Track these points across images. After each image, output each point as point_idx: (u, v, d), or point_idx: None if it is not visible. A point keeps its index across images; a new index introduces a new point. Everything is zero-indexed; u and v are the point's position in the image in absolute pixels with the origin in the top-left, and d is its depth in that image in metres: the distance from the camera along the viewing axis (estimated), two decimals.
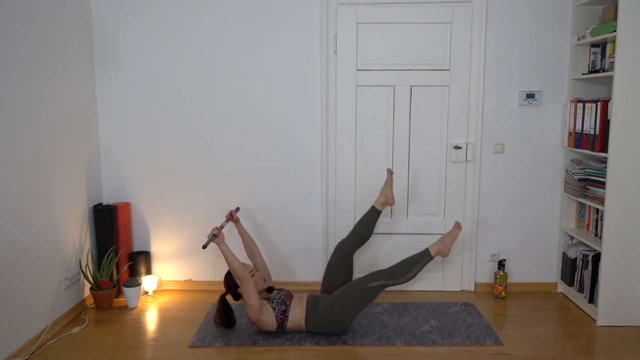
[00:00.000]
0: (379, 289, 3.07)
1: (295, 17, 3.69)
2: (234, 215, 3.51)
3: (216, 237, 3.07)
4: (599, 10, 3.58)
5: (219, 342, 3.08)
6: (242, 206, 3.87)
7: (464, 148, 3.77)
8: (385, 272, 3.10)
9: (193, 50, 3.74)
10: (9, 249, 2.85)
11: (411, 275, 3.10)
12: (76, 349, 3.04)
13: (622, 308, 3.29)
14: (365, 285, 3.06)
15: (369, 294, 3.07)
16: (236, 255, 3.50)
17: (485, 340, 3.10)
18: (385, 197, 3.42)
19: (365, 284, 3.07)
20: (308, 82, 3.75)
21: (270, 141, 3.82)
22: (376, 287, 3.06)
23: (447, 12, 3.66)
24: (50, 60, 3.22)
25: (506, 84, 3.73)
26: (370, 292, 3.07)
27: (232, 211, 3.51)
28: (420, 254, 3.14)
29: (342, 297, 3.08)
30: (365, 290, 3.06)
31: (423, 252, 3.14)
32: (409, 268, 3.10)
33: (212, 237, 3.07)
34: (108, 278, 3.60)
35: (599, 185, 3.37)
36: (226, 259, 3.04)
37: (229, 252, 3.05)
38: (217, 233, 3.07)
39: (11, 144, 2.86)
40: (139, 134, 3.83)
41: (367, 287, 3.06)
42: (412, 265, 3.10)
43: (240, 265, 3.04)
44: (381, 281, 3.06)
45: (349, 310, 3.08)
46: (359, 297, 3.07)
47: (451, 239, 3.18)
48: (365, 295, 3.07)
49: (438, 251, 3.13)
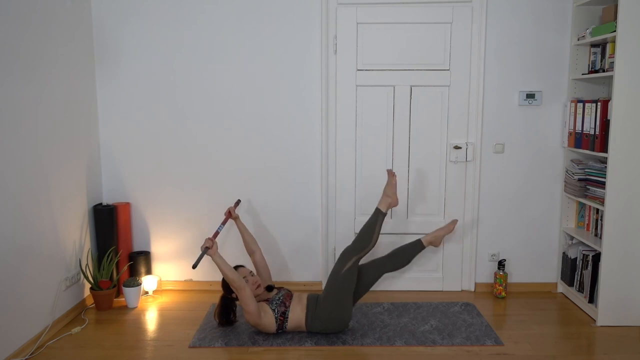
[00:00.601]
0: (354, 266, 3.12)
1: (295, 17, 3.69)
2: (233, 213, 3.49)
3: (209, 249, 3.00)
4: (599, 10, 3.58)
5: (219, 342, 3.08)
6: (243, 206, 3.87)
7: (464, 148, 3.77)
8: (350, 249, 3.15)
9: (193, 50, 3.74)
10: (9, 249, 2.85)
11: (374, 238, 3.17)
12: (76, 349, 3.04)
13: (622, 308, 3.29)
14: (341, 272, 3.10)
15: (348, 277, 3.10)
16: (235, 254, 3.51)
17: (485, 340, 3.10)
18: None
19: (340, 271, 3.10)
20: (308, 82, 3.75)
21: (270, 141, 3.82)
22: (351, 267, 3.11)
23: (447, 12, 3.66)
24: (50, 60, 3.22)
25: (506, 84, 3.73)
26: (349, 274, 3.10)
27: (231, 208, 3.47)
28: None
29: (328, 293, 3.11)
30: (344, 276, 3.10)
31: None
32: (369, 234, 3.17)
33: (205, 250, 2.99)
34: (108, 278, 3.60)
35: (599, 185, 3.37)
36: (221, 270, 3.00)
37: (224, 262, 3.00)
38: (210, 244, 3.00)
39: (11, 144, 2.86)
40: (139, 134, 3.83)
41: (343, 272, 3.10)
42: (371, 229, 3.18)
43: (235, 275, 3.00)
44: (352, 258, 3.12)
45: (339, 302, 3.09)
46: (342, 283, 3.09)
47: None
48: (345, 280, 3.10)
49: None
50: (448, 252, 3.90)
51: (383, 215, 3.22)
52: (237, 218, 3.53)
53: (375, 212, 3.23)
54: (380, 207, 3.24)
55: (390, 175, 3.33)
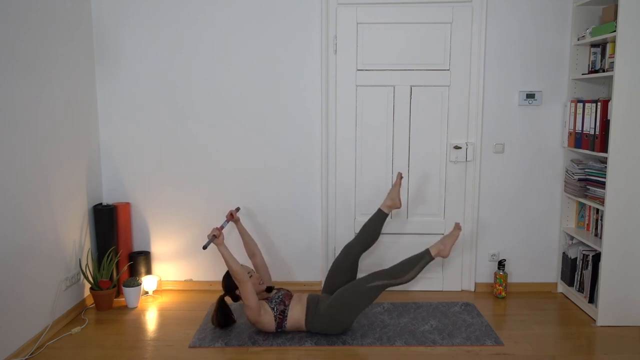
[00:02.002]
0: (380, 289, 3.07)
1: (295, 17, 3.69)
2: (234, 215, 3.51)
3: (216, 238, 3.06)
4: (599, 10, 3.58)
5: (219, 342, 3.08)
6: (242, 207, 3.87)
7: (464, 148, 3.77)
8: (385, 272, 3.10)
9: (193, 50, 3.74)
10: (9, 249, 2.85)
11: (411, 275, 3.10)
12: (76, 349, 3.04)
13: (622, 308, 3.29)
14: (365, 286, 3.06)
15: (369, 294, 3.07)
16: (235, 256, 3.51)
17: (485, 340, 3.10)
18: (392, 200, 3.40)
19: (365, 284, 3.07)
20: (308, 82, 3.75)
21: (270, 141, 3.82)
22: (377, 287, 3.06)
23: (447, 12, 3.66)
24: (50, 60, 3.22)
25: (506, 84, 3.73)
26: (371, 292, 3.07)
27: (232, 211, 3.51)
28: (421, 254, 3.14)
29: (343, 297, 3.08)
30: (366, 291, 3.06)
31: (423, 252, 3.14)
32: (409, 268, 3.10)
33: (212, 237, 3.05)
34: (108, 278, 3.60)
35: (599, 185, 3.37)
36: (225, 261, 3.03)
37: (229, 253, 3.04)
38: (217, 234, 3.06)
39: (11, 144, 2.86)
40: (139, 133, 3.83)
41: (367, 287, 3.06)
42: (412, 266, 3.10)
43: (240, 267, 3.04)
44: (381, 281, 3.06)
45: (349, 311, 3.08)
46: (360, 297, 3.06)
47: (451, 240, 3.17)
48: (365, 295, 3.07)
49: (438, 251, 3.13)
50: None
51: (430, 258, 3.14)
52: (237, 221, 3.54)
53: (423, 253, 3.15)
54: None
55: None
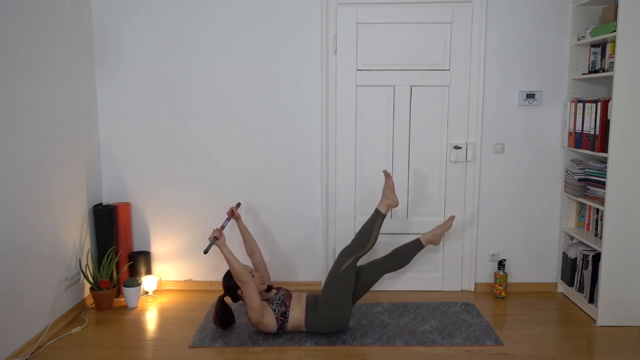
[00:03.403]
0: (352, 265, 3.12)
1: (295, 17, 3.69)
2: (235, 212, 3.50)
3: (217, 240, 3.05)
4: (599, 10, 3.58)
5: (219, 342, 3.08)
6: (243, 206, 3.87)
7: (464, 148, 3.77)
8: (348, 248, 3.15)
9: (193, 50, 3.74)
10: (9, 249, 2.85)
11: (373, 238, 3.18)
12: (76, 349, 3.04)
13: (622, 308, 3.29)
14: (339, 271, 3.10)
15: (346, 276, 3.10)
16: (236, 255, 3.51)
17: (485, 340, 3.10)
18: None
19: (338, 270, 3.11)
20: (308, 82, 3.75)
21: (270, 141, 3.82)
22: (349, 266, 3.11)
23: (447, 12, 3.66)
24: (50, 60, 3.22)
25: (506, 84, 3.73)
26: (346, 274, 3.10)
27: (233, 207, 3.49)
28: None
29: (327, 291, 3.11)
30: (341, 275, 3.10)
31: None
32: (368, 233, 3.17)
33: (213, 239, 3.05)
34: (108, 278, 3.60)
35: (599, 185, 3.37)
36: (228, 261, 3.03)
37: (231, 254, 3.03)
38: (218, 235, 3.06)
39: (11, 144, 2.86)
40: (139, 133, 3.83)
41: (341, 271, 3.10)
42: (369, 230, 3.18)
43: (242, 268, 3.03)
44: (349, 258, 3.12)
45: (338, 300, 3.09)
46: (340, 283, 3.10)
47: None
48: (343, 280, 3.10)
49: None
50: (448, 252, 3.90)
51: (382, 216, 3.23)
52: (238, 218, 3.54)
53: (374, 213, 3.24)
54: (379, 208, 3.25)
55: (386, 177, 3.33)
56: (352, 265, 3.11)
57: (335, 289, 3.10)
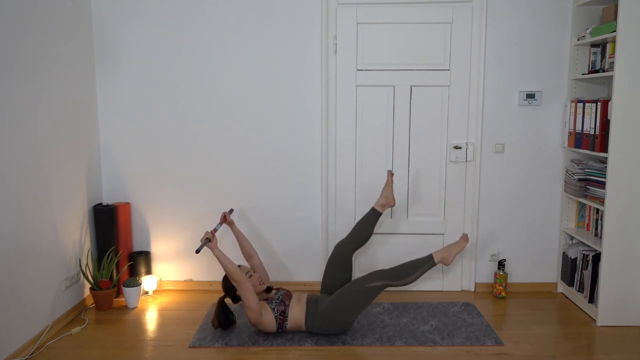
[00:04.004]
0: (379, 289, 3.07)
1: (295, 17, 3.69)
2: (228, 218, 3.47)
3: (210, 242, 3.02)
4: (599, 10, 3.58)
5: (219, 342, 3.08)
6: (243, 206, 3.87)
7: (464, 148, 3.77)
8: (386, 273, 3.10)
9: (193, 50, 3.74)
10: (9, 249, 2.85)
11: (412, 278, 3.10)
12: (76, 349, 3.04)
13: (622, 308, 3.29)
14: (365, 285, 3.06)
15: (369, 294, 3.07)
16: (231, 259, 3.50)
17: (485, 340, 3.10)
18: (385, 198, 3.40)
19: (365, 284, 3.06)
20: (308, 82, 3.75)
21: (271, 141, 3.82)
22: (376, 287, 3.06)
23: (447, 12, 3.66)
24: (50, 60, 3.22)
25: (506, 84, 3.73)
26: (371, 292, 3.07)
27: (226, 213, 3.46)
28: (424, 259, 3.15)
29: (343, 297, 3.07)
30: (366, 290, 3.06)
31: (427, 257, 3.16)
32: (411, 271, 3.10)
33: (205, 241, 3.01)
34: (108, 278, 3.60)
35: (599, 185, 3.37)
36: (221, 263, 3.00)
37: (223, 256, 3.01)
38: (210, 237, 3.02)
39: (11, 144, 2.86)
40: (139, 133, 3.83)
41: (367, 287, 3.06)
42: (414, 269, 3.11)
43: (236, 268, 3.01)
44: (382, 281, 3.06)
45: (349, 310, 3.08)
46: (359, 296, 3.06)
47: (456, 249, 3.19)
48: (365, 295, 3.06)
49: (441, 258, 3.15)
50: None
51: (433, 263, 3.14)
52: (232, 224, 3.51)
53: (426, 258, 3.15)
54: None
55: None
56: (378, 288, 3.07)
57: (353, 299, 3.06)
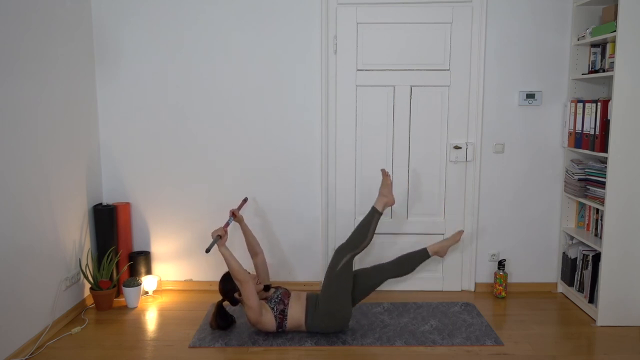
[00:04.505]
0: (349, 262, 3.12)
1: (295, 17, 3.69)
2: (237, 214, 3.48)
3: (221, 239, 3.04)
4: (599, 10, 3.58)
5: (219, 342, 3.08)
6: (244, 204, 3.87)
7: (464, 148, 3.77)
8: (344, 246, 3.16)
9: (193, 50, 3.74)
10: (9, 249, 2.85)
11: (370, 235, 3.17)
12: (76, 349, 3.04)
13: (622, 308, 3.29)
14: (337, 269, 3.11)
15: (344, 273, 3.11)
16: (236, 254, 3.51)
17: (485, 340, 3.10)
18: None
19: (336, 268, 3.11)
20: (308, 82, 3.75)
21: (270, 141, 3.82)
22: (346, 263, 3.11)
23: (447, 12, 3.66)
24: (50, 60, 3.22)
25: (506, 84, 3.73)
26: (345, 271, 3.11)
27: (235, 210, 3.45)
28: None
29: (327, 290, 3.11)
30: (340, 272, 3.10)
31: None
32: (364, 230, 3.18)
33: (217, 238, 3.03)
34: (108, 278, 3.60)
35: (599, 185, 3.37)
36: (227, 261, 3.02)
37: (230, 254, 3.02)
38: (222, 234, 3.05)
39: (11, 144, 2.86)
40: (139, 134, 3.83)
41: (338, 268, 3.10)
42: (366, 227, 3.18)
43: (241, 267, 3.03)
44: (346, 256, 3.12)
45: (339, 298, 3.09)
46: (339, 281, 3.10)
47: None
48: (342, 276, 3.10)
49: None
50: (448, 252, 3.89)
51: (379, 214, 3.23)
52: (241, 220, 3.50)
53: (371, 211, 3.24)
54: (376, 206, 3.27)
55: (384, 175, 3.34)
56: (348, 263, 3.12)
57: (334, 287, 3.10)
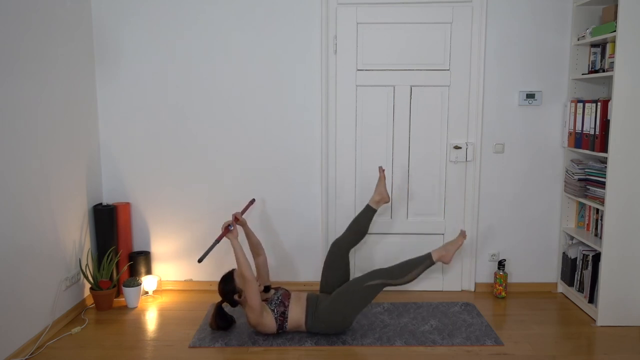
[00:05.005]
0: (378, 288, 3.07)
1: (295, 17, 3.69)
2: (240, 219, 3.36)
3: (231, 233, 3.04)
4: (599, 10, 3.58)
5: (219, 342, 3.08)
6: (242, 206, 3.87)
7: (464, 148, 3.77)
8: (384, 272, 3.10)
9: (193, 50, 3.74)
10: (9, 249, 2.85)
11: (410, 277, 3.09)
12: (76, 349, 3.04)
13: (622, 308, 3.29)
14: (364, 284, 3.06)
15: (367, 293, 3.07)
16: None
17: (485, 340, 3.10)
18: (379, 194, 3.41)
19: (364, 283, 3.07)
20: (308, 82, 3.75)
21: (270, 141, 3.82)
22: (375, 286, 3.06)
23: (447, 12, 3.66)
24: (50, 60, 3.22)
25: (506, 84, 3.73)
26: (369, 291, 3.07)
27: (237, 214, 3.33)
28: (422, 257, 3.14)
29: (342, 297, 3.08)
30: (364, 290, 3.06)
31: (425, 256, 3.15)
32: (409, 270, 3.10)
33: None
34: (108, 278, 3.60)
35: (599, 185, 3.37)
36: (237, 256, 3.00)
37: (241, 249, 3.02)
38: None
39: (11, 144, 2.86)
40: (139, 133, 3.83)
41: (365, 286, 3.06)
42: (412, 268, 3.10)
43: (249, 265, 3.01)
44: (380, 280, 3.06)
45: (348, 310, 3.08)
46: (358, 296, 3.06)
47: (454, 247, 3.18)
48: (364, 294, 3.06)
49: (440, 257, 3.14)
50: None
51: (432, 262, 3.14)
52: (244, 224, 3.44)
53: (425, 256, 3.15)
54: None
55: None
56: (377, 287, 3.07)
57: (351, 298, 3.06)
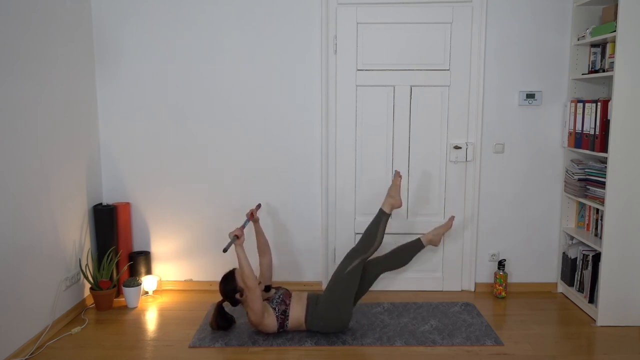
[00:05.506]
0: (359, 266, 3.14)
1: (295, 17, 3.69)
2: (255, 215, 3.45)
3: (238, 239, 3.05)
4: (599, 10, 3.58)
5: (219, 342, 3.08)
6: (243, 206, 3.87)
7: (464, 148, 3.77)
8: (356, 249, 3.19)
9: (193, 50, 3.74)
10: (9, 249, 2.85)
11: (379, 238, 3.21)
12: (76, 349, 3.04)
13: (622, 308, 3.29)
14: (345, 272, 3.12)
15: (352, 276, 3.12)
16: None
17: (485, 340, 3.10)
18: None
19: (345, 271, 3.13)
20: (308, 82, 3.75)
21: (271, 141, 3.82)
22: (356, 266, 3.13)
23: (447, 12, 3.66)
24: (50, 60, 3.22)
25: (506, 84, 3.73)
26: (354, 273, 3.13)
27: (253, 210, 3.43)
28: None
29: (331, 290, 3.12)
30: (348, 275, 3.12)
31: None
32: (373, 233, 3.21)
33: (233, 238, 3.03)
34: (108, 278, 3.60)
35: (599, 185, 3.37)
36: (240, 262, 3.02)
37: (245, 256, 3.04)
38: (239, 234, 3.05)
39: (11, 144, 2.86)
40: (139, 133, 3.83)
41: (347, 272, 3.12)
42: (374, 230, 3.22)
43: (252, 273, 3.02)
44: (357, 259, 3.15)
45: (343, 300, 3.10)
46: (345, 284, 3.11)
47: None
48: (349, 280, 3.12)
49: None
50: (448, 252, 3.90)
51: (387, 216, 3.25)
52: (257, 221, 3.49)
53: (378, 213, 3.27)
54: (383, 207, 3.28)
55: (395, 176, 3.35)
56: (358, 267, 3.13)
57: (341, 289, 3.11)
